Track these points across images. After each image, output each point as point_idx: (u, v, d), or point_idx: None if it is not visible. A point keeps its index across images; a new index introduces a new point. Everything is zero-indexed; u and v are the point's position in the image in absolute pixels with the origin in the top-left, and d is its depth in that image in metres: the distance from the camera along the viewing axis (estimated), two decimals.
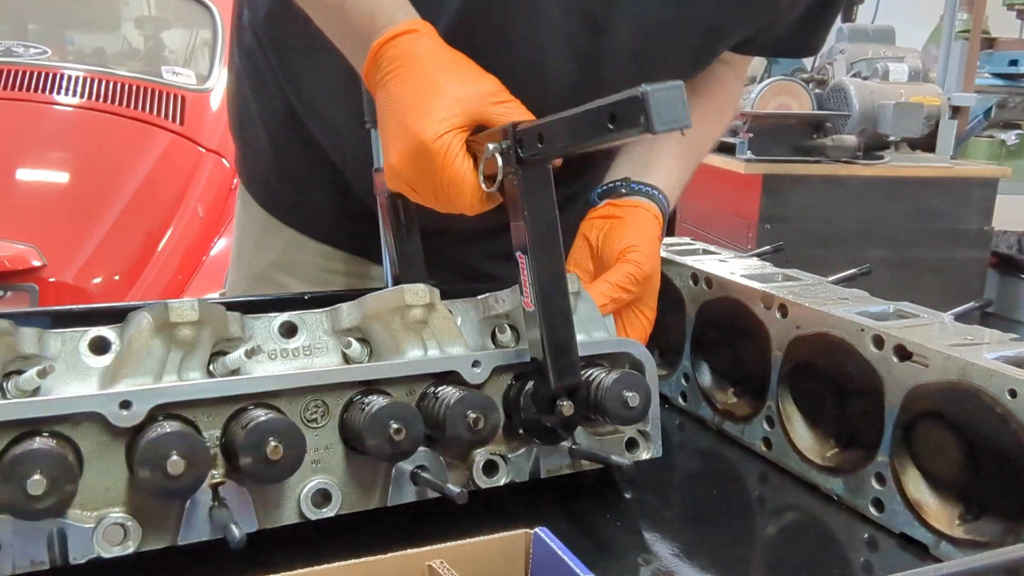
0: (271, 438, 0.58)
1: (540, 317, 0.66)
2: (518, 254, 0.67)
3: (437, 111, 0.70)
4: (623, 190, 0.92)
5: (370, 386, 0.66)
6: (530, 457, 0.72)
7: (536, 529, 0.52)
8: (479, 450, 0.70)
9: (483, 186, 0.69)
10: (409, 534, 0.66)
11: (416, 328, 0.68)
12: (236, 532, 0.57)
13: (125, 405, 0.57)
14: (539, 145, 0.64)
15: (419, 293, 0.67)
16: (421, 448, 0.66)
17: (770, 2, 0.90)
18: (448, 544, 0.51)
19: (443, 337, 0.69)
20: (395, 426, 0.62)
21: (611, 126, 0.58)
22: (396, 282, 0.82)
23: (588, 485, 0.76)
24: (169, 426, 0.57)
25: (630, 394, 0.68)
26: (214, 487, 0.60)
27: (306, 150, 1.01)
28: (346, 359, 0.68)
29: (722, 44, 0.94)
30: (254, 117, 1.04)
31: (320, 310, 0.70)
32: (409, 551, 0.51)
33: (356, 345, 0.68)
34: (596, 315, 0.76)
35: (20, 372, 0.59)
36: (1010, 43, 4.28)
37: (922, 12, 4.66)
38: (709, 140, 1.05)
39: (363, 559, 0.50)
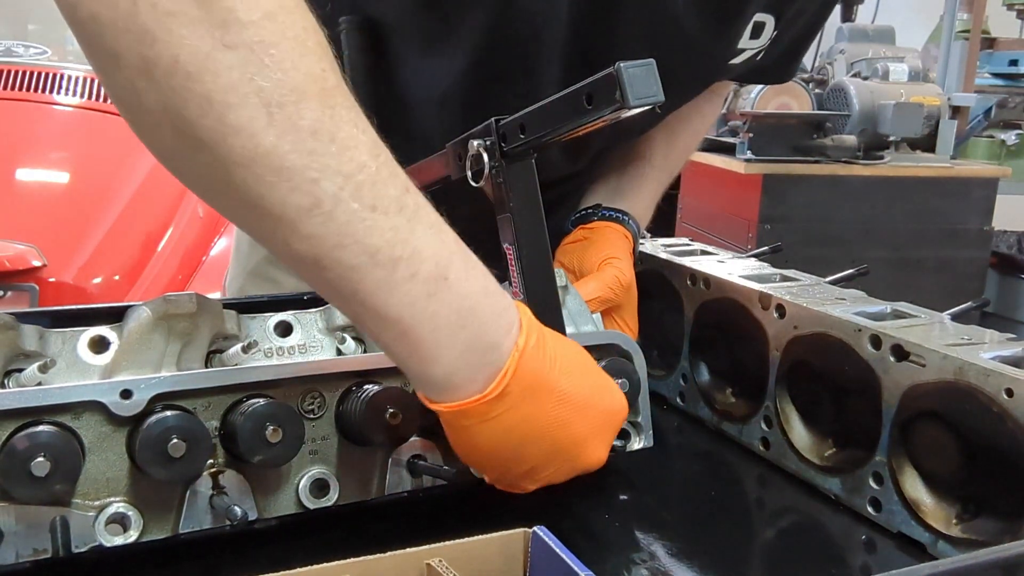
0: (269, 423, 0.60)
1: (529, 306, 0.67)
2: (505, 246, 0.69)
3: (609, 381, 0.67)
4: (594, 216, 0.95)
5: (365, 377, 0.66)
6: None
7: (535, 528, 0.52)
8: None
9: (471, 182, 0.70)
10: (408, 533, 0.66)
11: None
12: (238, 511, 0.59)
13: (126, 394, 0.58)
14: (521, 136, 0.65)
15: None
16: (417, 439, 0.67)
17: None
18: (447, 543, 0.52)
19: None
20: (391, 410, 0.63)
21: (589, 106, 0.59)
22: None
23: (586, 485, 0.76)
24: (170, 411, 0.58)
25: (619, 381, 0.70)
26: (214, 476, 0.61)
27: None
28: (340, 355, 0.69)
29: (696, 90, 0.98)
30: None
31: (315, 309, 0.70)
32: (408, 550, 0.51)
33: (351, 342, 0.69)
34: (584, 309, 0.77)
35: (21, 370, 0.60)
36: (1010, 43, 4.28)
37: (922, 12, 4.65)
38: (682, 160, 1.08)
39: (362, 558, 0.50)
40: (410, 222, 0.54)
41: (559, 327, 0.69)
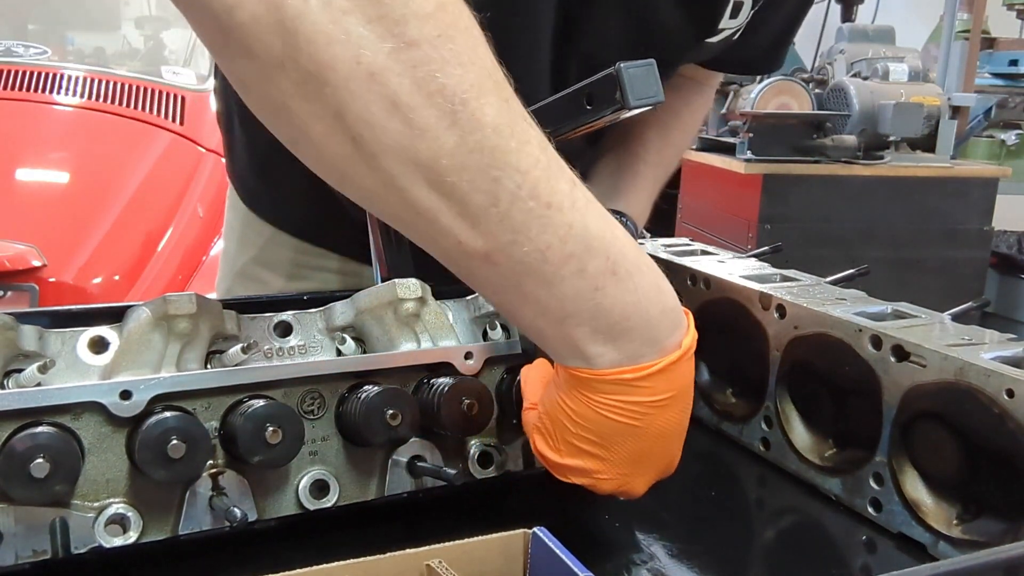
0: (269, 423, 0.59)
1: None
2: None
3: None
4: None
5: (365, 378, 0.66)
6: (523, 447, 0.72)
7: (535, 529, 0.52)
8: (474, 441, 0.70)
9: None
10: (408, 534, 0.66)
11: (409, 322, 0.69)
12: (237, 512, 0.58)
13: (125, 395, 0.58)
14: None
15: (411, 287, 0.68)
16: (417, 440, 0.67)
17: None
18: (447, 544, 0.52)
19: (436, 331, 0.70)
20: (391, 411, 0.63)
21: (589, 106, 0.60)
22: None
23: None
24: (169, 412, 0.58)
25: None
26: (214, 477, 0.61)
27: (281, 148, 1.01)
28: (340, 356, 0.69)
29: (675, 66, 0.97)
30: (234, 113, 1.05)
31: (315, 310, 0.70)
32: (408, 551, 0.51)
33: (350, 342, 0.69)
34: None
35: (20, 371, 0.60)
36: (1010, 43, 4.28)
37: (922, 12, 4.66)
38: (677, 156, 1.08)
39: (362, 559, 0.50)
40: (583, 217, 0.53)
41: None
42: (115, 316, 0.65)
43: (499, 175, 0.50)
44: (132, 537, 0.59)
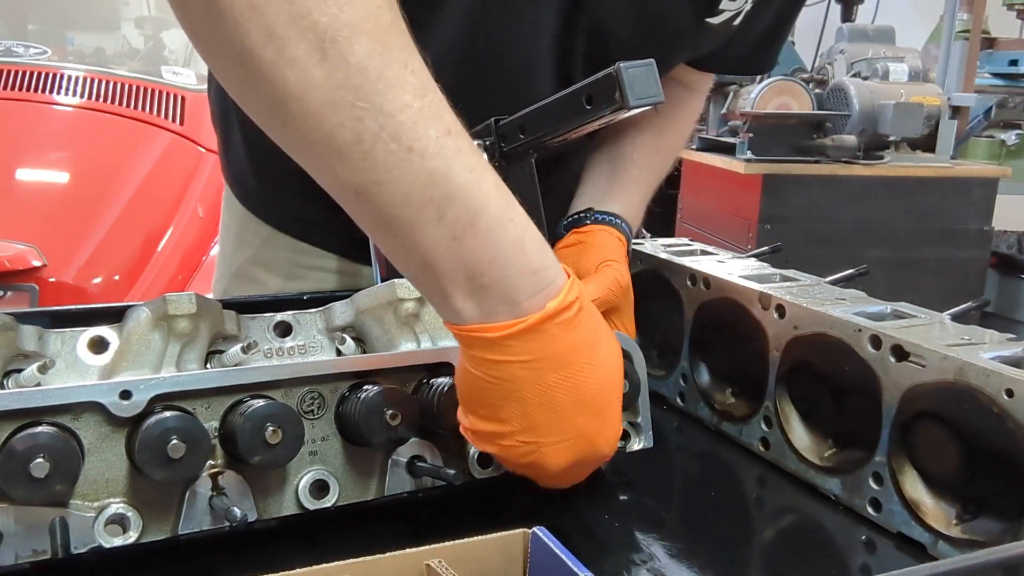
0: (269, 423, 0.60)
1: None
2: None
3: (615, 421, 0.65)
4: (587, 220, 0.95)
5: (365, 378, 0.66)
6: None
7: (534, 528, 0.52)
8: None
9: None
10: (407, 533, 0.66)
11: (409, 322, 0.69)
12: (237, 512, 0.59)
13: (125, 395, 0.58)
14: (521, 136, 0.65)
15: (410, 287, 0.68)
16: (417, 440, 0.67)
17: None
18: (446, 543, 0.52)
19: (435, 331, 0.70)
20: (390, 411, 0.63)
21: (588, 106, 0.60)
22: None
23: (586, 485, 0.76)
24: (169, 412, 0.58)
25: None
26: (213, 477, 0.61)
27: (279, 149, 1.01)
28: (340, 356, 0.69)
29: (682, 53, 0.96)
30: (231, 113, 1.04)
31: (314, 310, 0.70)
32: (407, 550, 0.51)
33: (350, 342, 0.69)
34: None
35: (20, 371, 0.60)
36: (1010, 43, 4.28)
37: (922, 12, 4.66)
38: (669, 160, 1.08)
39: (361, 558, 0.50)
40: (447, 165, 0.56)
41: None
42: (115, 316, 0.65)
43: (362, 115, 0.53)
44: (132, 537, 0.59)
